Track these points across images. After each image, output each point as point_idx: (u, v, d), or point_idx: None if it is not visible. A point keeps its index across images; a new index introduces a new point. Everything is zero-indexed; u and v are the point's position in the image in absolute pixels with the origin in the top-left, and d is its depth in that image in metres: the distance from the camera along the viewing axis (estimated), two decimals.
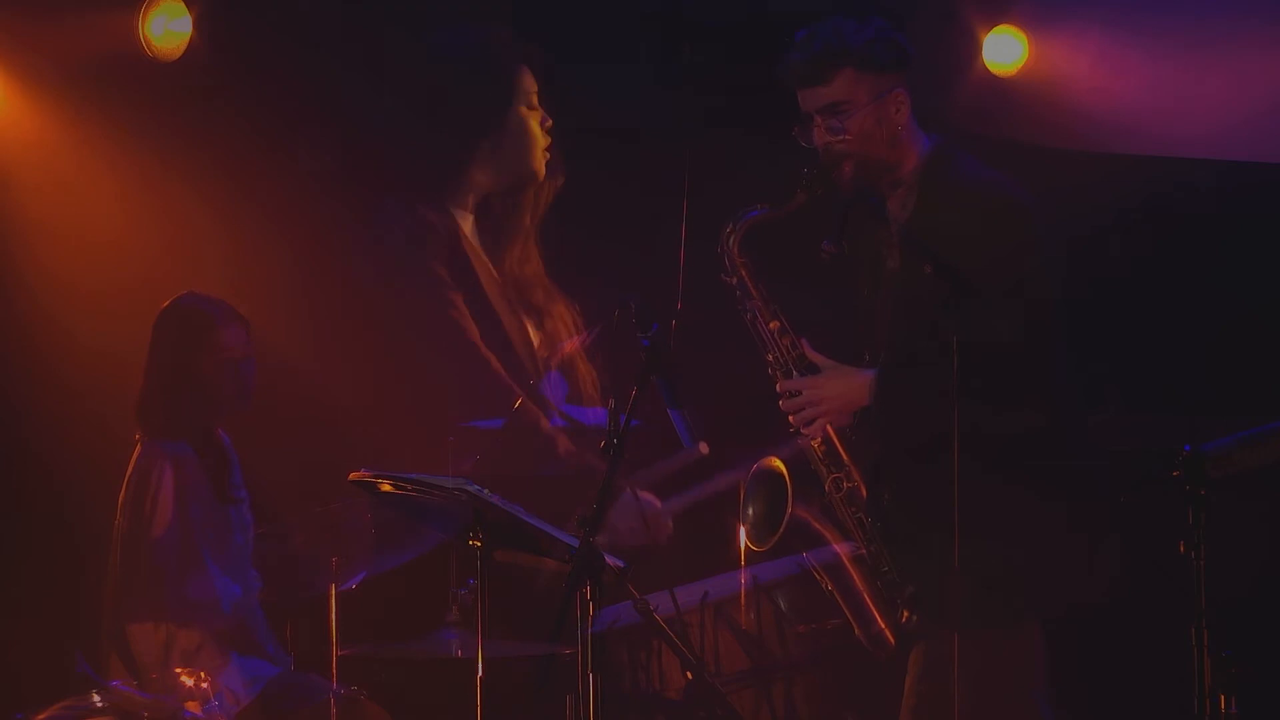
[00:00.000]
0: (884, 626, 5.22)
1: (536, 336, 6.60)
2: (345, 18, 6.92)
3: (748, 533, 5.49)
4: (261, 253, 6.84)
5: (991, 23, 7.45)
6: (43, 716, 5.81)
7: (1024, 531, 5.06)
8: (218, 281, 6.64)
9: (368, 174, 6.79)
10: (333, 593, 6.06)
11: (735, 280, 5.30)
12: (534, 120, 6.58)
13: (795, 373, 5.25)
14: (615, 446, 5.13)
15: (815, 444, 5.24)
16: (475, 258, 6.55)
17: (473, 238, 6.60)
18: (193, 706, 5.96)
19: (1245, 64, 7.16)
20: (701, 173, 6.59)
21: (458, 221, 6.57)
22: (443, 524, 5.42)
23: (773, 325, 5.27)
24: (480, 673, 5.16)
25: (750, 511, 5.46)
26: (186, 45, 6.82)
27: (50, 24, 6.64)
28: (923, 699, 5.17)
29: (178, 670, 6.06)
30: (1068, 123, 7.38)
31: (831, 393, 5.19)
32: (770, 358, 5.29)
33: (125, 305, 6.70)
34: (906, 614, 5.16)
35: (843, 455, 5.24)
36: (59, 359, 6.80)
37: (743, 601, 5.70)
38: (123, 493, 6.37)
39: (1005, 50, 7.45)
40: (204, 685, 6.02)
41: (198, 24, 6.81)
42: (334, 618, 6.05)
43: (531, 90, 6.58)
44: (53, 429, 6.80)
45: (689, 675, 5.59)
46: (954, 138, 5.35)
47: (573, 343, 6.64)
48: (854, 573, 5.26)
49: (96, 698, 5.85)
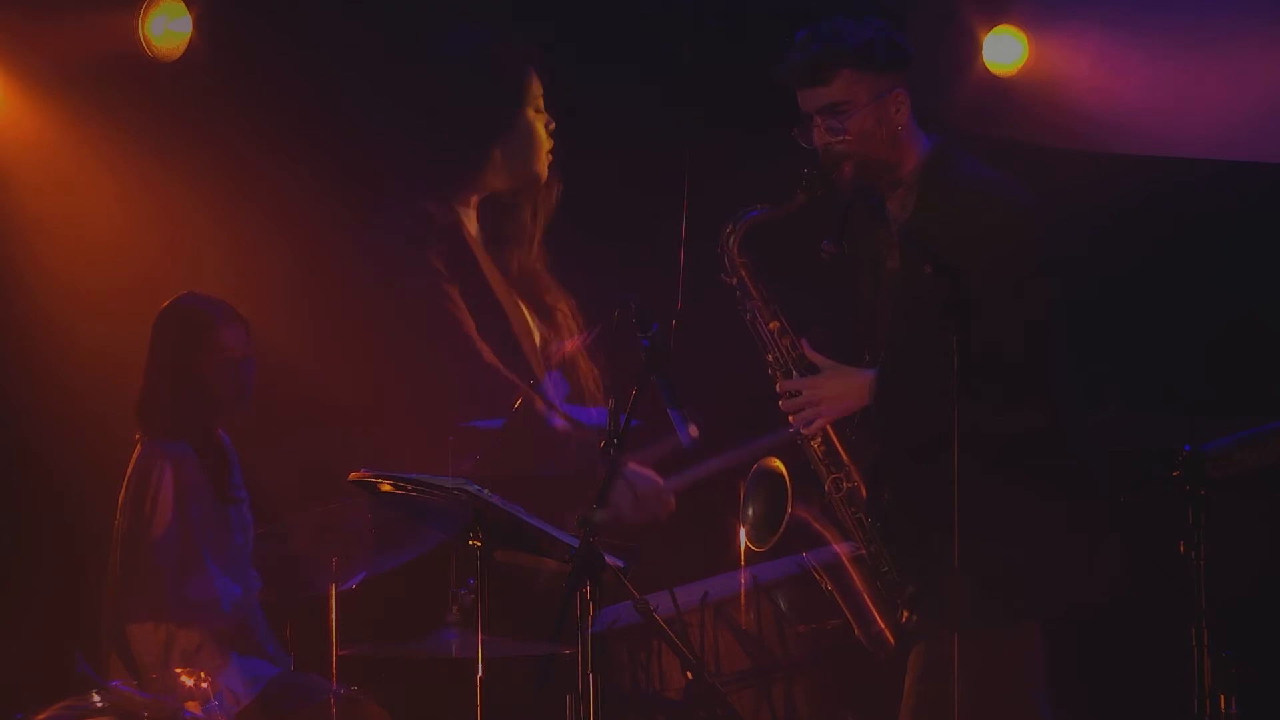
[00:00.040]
0: (884, 626, 5.22)
1: (540, 332, 6.61)
2: (345, 18, 6.92)
3: (748, 533, 5.49)
4: (261, 253, 6.84)
5: (991, 23, 7.45)
6: (43, 716, 5.80)
7: (1024, 531, 5.05)
8: (218, 281, 6.64)
9: (368, 174, 6.79)
10: (333, 593, 6.06)
11: (735, 280, 5.30)
12: (540, 123, 6.60)
13: (795, 373, 5.24)
14: (615, 446, 5.13)
15: (815, 444, 5.23)
16: (479, 251, 6.56)
17: (476, 234, 6.61)
18: (193, 706, 5.96)
19: (1245, 64, 7.16)
20: (701, 173, 6.58)
21: (461, 217, 6.58)
22: (443, 524, 5.42)
23: (773, 325, 5.27)
24: (480, 673, 5.16)
25: (750, 511, 5.46)
26: (186, 45, 6.82)
27: (50, 24, 6.64)
28: (923, 699, 5.16)
29: (178, 670, 6.06)
30: (1068, 123, 7.38)
31: (831, 393, 5.18)
32: (770, 358, 5.28)
33: (125, 305, 6.70)
34: (906, 614, 5.15)
35: (843, 455, 5.23)
36: (59, 359, 6.80)
37: (743, 601, 5.70)
38: (123, 493, 6.37)
39: (1005, 50, 7.45)
40: (204, 685, 6.02)
41: (198, 24, 6.81)
42: (334, 618, 6.05)
43: (539, 93, 6.59)
44: (53, 429, 6.79)
45: (689, 675, 5.59)
46: (954, 138, 5.34)
47: (573, 342, 6.64)
48: (854, 573, 5.26)
49: (96, 698, 5.85)
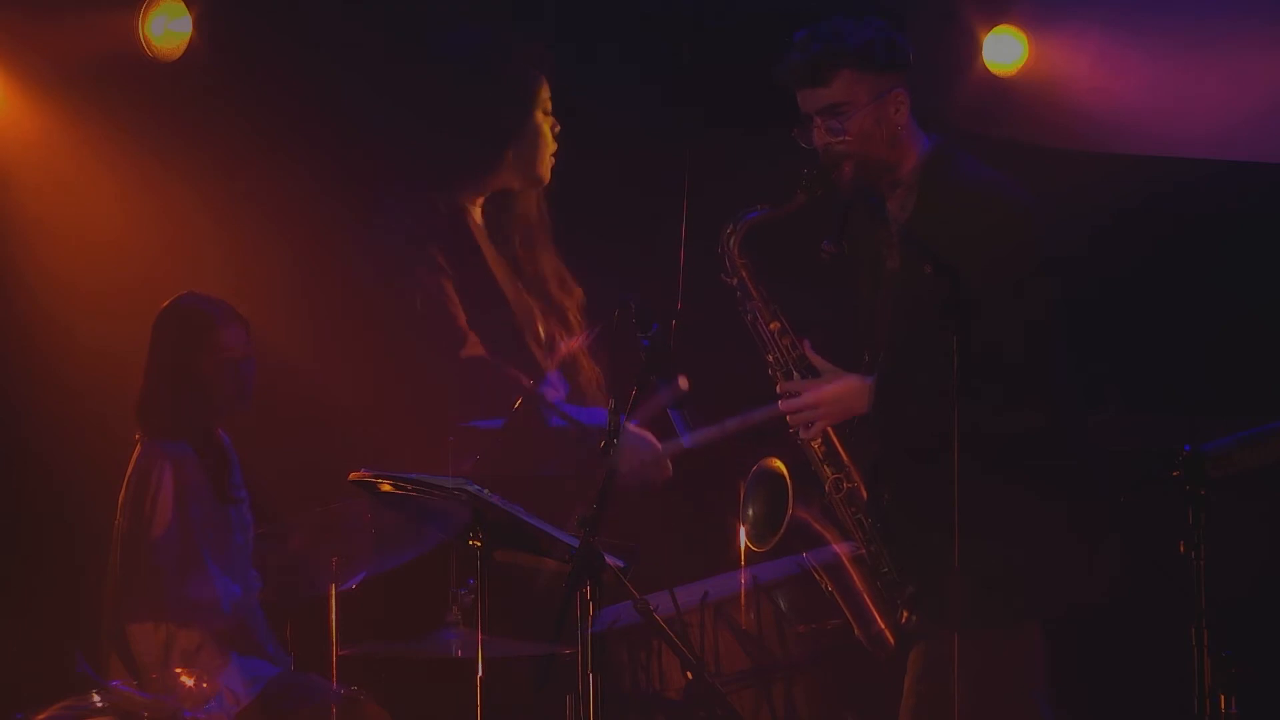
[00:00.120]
0: (884, 626, 5.22)
1: (545, 328, 6.61)
2: (345, 18, 6.92)
3: (748, 533, 5.48)
4: (261, 253, 6.84)
5: (991, 23, 7.45)
6: (43, 716, 5.81)
7: (1024, 531, 5.05)
8: (218, 281, 6.64)
9: (368, 174, 6.79)
10: (333, 593, 6.06)
11: (736, 281, 5.29)
12: (547, 125, 6.61)
13: (795, 374, 5.23)
14: (615, 446, 5.13)
15: (816, 444, 5.23)
16: (485, 245, 6.57)
17: (482, 228, 6.62)
18: (193, 706, 5.96)
19: (1245, 64, 7.16)
20: (701, 173, 6.59)
21: (467, 213, 6.59)
22: (443, 524, 5.42)
23: (773, 326, 5.26)
24: (480, 673, 5.16)
25: (750, 512, 5.46)
26: (186, 45, 6.82)
27: (50, 24, 6.64)
28: (922, 699, 5.16)
29: (178, 670, 6.06)
30: (1068, 123, 7.38)
31: (832, 399, 5.17)
32: (770, 358, 5.28)
33: (125, 305, 6.70)
34: (906, 614, 5.15)
35: (843, 456, 5.23)
36: (59, 359, 6.80)
37: (743, 601, 5.70)
38: (123, 493, 6.37)
39: (1005, 50, 7.45)
40: (204, 685, 6.02)
41: (198, 24, 6.81)
42: (334, 618, 6.05)
43: (547, 96, 6.61)
44: (53, 429, 6.79)
45: (689, 675, 5.58)
46: (954, 138, 5.34)
47: (573, 342, 6.64)
48: (854, 573, 5.25)
49: (96, 698, 5.85)
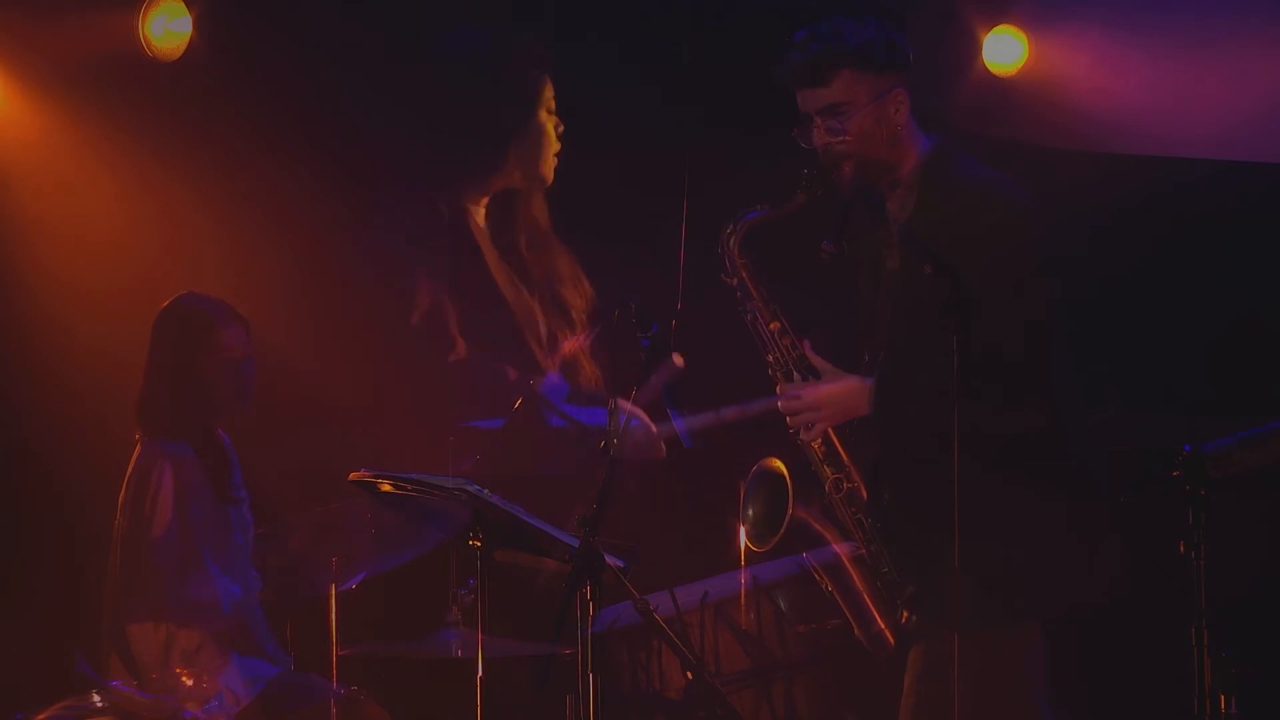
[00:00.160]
0: (884, 626, 5.22)
1: (547, 326, 6.61)
2: (345, 18, 6.92)
3: (748, 533, 5.48)
4: (261, 253, 6.84)
5: (991, 23, 7.45)
6: (43, 716, 5.81)
7: (1024, 531, 5.05)
8: (218, 281, 6.64)
9: (368, 174, 6.79)
10: (333, 593, 6.06)
11: (736, 281, 5.29)
12: (551, 125, 6.61)
13: (796, 374, 5.23)
14: (615, 447, 5.13)
15: (816, 444, 5.23)
16: (486, 246, 6.57)
17: (485, 229, 6.62)
18: (193, 706, 5.96)
19: (1245, 64, 7.15)
20: (701, 173, 6.58)
21: (469, 214, 6.59)
22: (443, 524, 5.42)
23: (773, 326, 5.26)
24: (480, 673, 5.16)
25: (750, 512, 5.46)
26: (186, 45, 6.82)
27: (50, 24, 6.64)
28: (922, 699, 5.16)
29: (178, 670, 6.06)
30: (1068, 123, 7.38)
31: (831, 399, 5.17)
32: (770, 358, 5.27)
33: (125, 305, 6.70)
34: (906, 614, 5.15)
35: (843, 456, 5.23)
36: (59, 359, 6.80)
37: (743, 601, 5.70)
38: (123, 493, 6.37)
39: (1005, 50, 7.45)
40: (204, 685, 6.02)
41: (198, 24, 6.82)
42: (334, 618, 6.05)
43: (550, 95, 6.61)
44: (53, 429, 6.79)
45: (689, 675, 5.58)
46: (954, 138, 5.34)
47: (574, 342, 6.64)
48: (854, 573, 5.25)
49: (96, 698, 5.85)
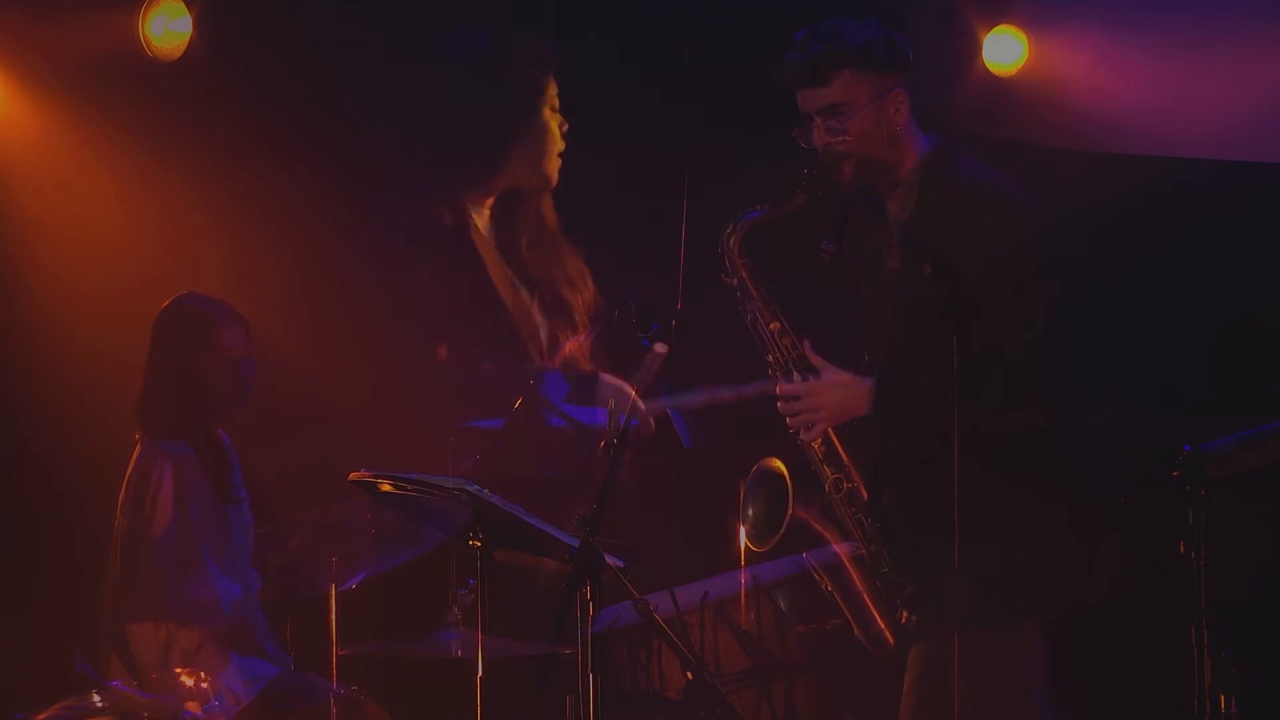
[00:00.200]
0: (884, 626, 5.22)
1: (547, 328, 6.61)
2: (345, 18, 6.92)
3: (748, 533, 5.48)
4: (261, 253, 6.84)
5: (991, 23, 7.45)
6: (43, 716, 5.80)
7: (1024, 531, 5.05)
8: (218, 281, 6.64)
9: (368, 174, 6.79)
10: (333, 593, 6.06)
11: (736, 281, 5.28)
12: (555, 123, 6.62)
13: (796, 374, 5.23)
14: (615, 446, 5.13)
15: (816, 444, 5.23)
16: (485, 249, 6.57)
17: (486, 233, 6.62)
18: (193, 706, 5.96)
19: (1245, 64, 7.16)
20: (701, 173, 6.58)
21: (471, 216, 6.59)
22: (443, 524, 5.42)
23: (773, 326, 5.26)
24: (480, 673, 5.16)
25: (750, 512, 5.46)
26: (186, 45, 6.82)
27: (50, 24, 6.64)
28: (922, 699, 5.16)
29: (178, 670, 6.05)
30: (1068, 123, 7.38)
31: (831, 399, 5.17)
32: (770, 358, 5.27)
33: (125, 305, 6.70)
34: (906, 614, 5.15)
35: (843, 456, 5.23)
36: (59, 359, 6.80)
37: (743, 601, 5.70)
38: (123, 493, 6.37)
39: (1005, 50, 7.45)
40: (204, 685, 6.02)
41: (198, 24, 6.82)
42: (334, 618, 6.05)
43: (554, 93, 6.61)
44: (53, 429, 6.79)
45: (689, 675, 5.58)
46: (954, 138, 5.34)
47: (574, 342, 6.64)
48: (854, 573, 5.25)
49: (96, 698, 5.85)
